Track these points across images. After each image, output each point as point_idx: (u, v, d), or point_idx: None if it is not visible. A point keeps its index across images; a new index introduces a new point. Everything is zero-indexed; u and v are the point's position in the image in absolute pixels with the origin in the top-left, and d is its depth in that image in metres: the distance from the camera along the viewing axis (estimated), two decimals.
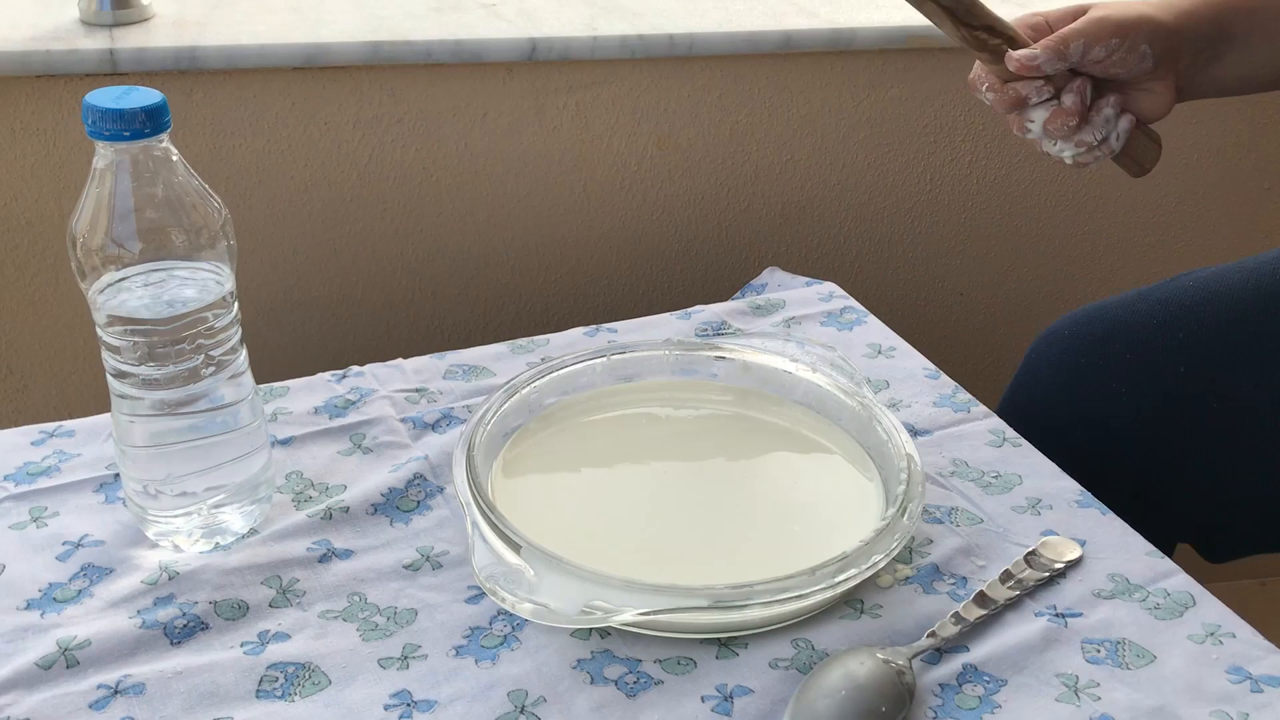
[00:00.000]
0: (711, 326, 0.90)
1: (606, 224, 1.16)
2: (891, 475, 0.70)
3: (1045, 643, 0.62)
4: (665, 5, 1.14)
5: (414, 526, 0.70)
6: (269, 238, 1.09)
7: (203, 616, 0.63)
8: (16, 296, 1.06)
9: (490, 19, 1.09)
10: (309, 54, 1.02)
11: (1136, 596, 0.65)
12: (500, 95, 1.08)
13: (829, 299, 0.94)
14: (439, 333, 1.17)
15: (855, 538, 0.64)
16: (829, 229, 1.22)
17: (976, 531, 0.70)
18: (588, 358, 0.78)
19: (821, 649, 0.62)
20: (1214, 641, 0.62)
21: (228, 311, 0.65)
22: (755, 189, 1.18)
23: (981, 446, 0.77)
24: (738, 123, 1.15)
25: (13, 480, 0.73)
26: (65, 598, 0.65)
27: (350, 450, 0.76)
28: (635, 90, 1.11)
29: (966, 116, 1.20)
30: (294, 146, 1.06)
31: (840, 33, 1.12)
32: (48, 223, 1.04)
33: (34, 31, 1.01)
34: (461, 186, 1.11)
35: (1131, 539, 0.70)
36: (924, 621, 0.64)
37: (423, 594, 0.65)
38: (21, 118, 1.00)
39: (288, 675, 0.60)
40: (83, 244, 0.61)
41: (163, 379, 0.64)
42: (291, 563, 0.67)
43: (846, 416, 0.76)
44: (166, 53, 0.99)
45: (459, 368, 0.85)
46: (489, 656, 0.61)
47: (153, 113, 0.60)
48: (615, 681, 0.60)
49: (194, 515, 0.67)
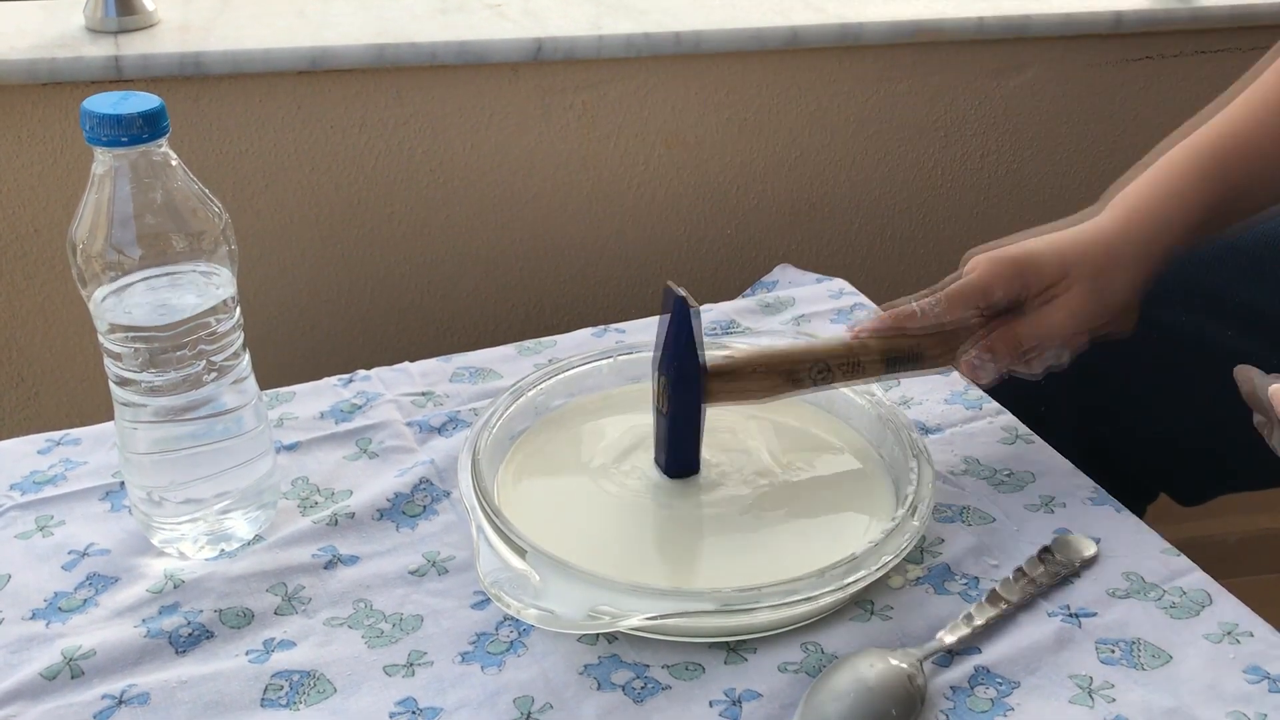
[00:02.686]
0: (720, 325, 0.90)
1: (615, 223, 1.15)
2: (902, 474, 0.69)
3: (1059, 643, 0.61)
4: (671, 3, 1.14)
5: (420, 532, 0.70)
6: (276, 242, 1.09)
7: (208, 625, 0.63)
8: (25, 304, 1.06)
9: (495, 19, 1.08)
10: (314, 57, 1.02)
11: (1152, 595, 0.64)
12: (506, 96, 1.08)
13: (839, 296, 0.94)
14: (447, 335, 1.16)
15: (865, 538, 0.64)
16: (840, 225, 1.21)
17: (988, 530, 0.69)
18: (594, 359, 0.78)
19: (831, 652, 0.61)
20: (1231, 640, 0.61)
21: (229, 316, 0.65)
22: (764, 186, 1.17)
23: (993, 444, 0.76)
24: (746, 120, 1.14)
25: (19, 489, 0.73)
26: (70, 607, 0.64)
27: (356, 455, 0.76)
28: (642, 89, 1.10)
29: (978, 110, 1.19)
30: (300, 150, 1.06)
31: (848, 27, 1.11)
32: (55, 230, 1.04)
33: (39, 39, 1.01)
34: (468, 188, 1.11)
35: (1146, 536, 0.69)
36: (935, 623, 0.63)
37: (429, 600, 0.65)
38: (28, 125, 1.00)
39: (292, 684, 0.60)
40: (83, 251, 0.61)
41: (165, 385, 0.63)
42: (297, 569, 0.67)
43: (856, 415, 0.75)
44: (171, 58, 0.99)
45: (465, 370, 0.84)
46: (495, 663, 0.61)
47: (151, 118, 0.60)
48: (622, 687, 0.59)
49: (199, 522, 0.67)
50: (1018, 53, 1.17)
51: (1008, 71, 1.18)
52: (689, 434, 0.69)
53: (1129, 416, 0.87)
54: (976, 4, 1.14)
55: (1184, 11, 1.17)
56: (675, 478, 0.70)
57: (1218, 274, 0.85)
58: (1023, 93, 1.19)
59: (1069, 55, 1.18)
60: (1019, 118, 1.21)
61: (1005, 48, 1.16)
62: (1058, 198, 1.24)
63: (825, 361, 0.70)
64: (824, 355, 0.70)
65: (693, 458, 0.70)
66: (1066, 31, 1.15)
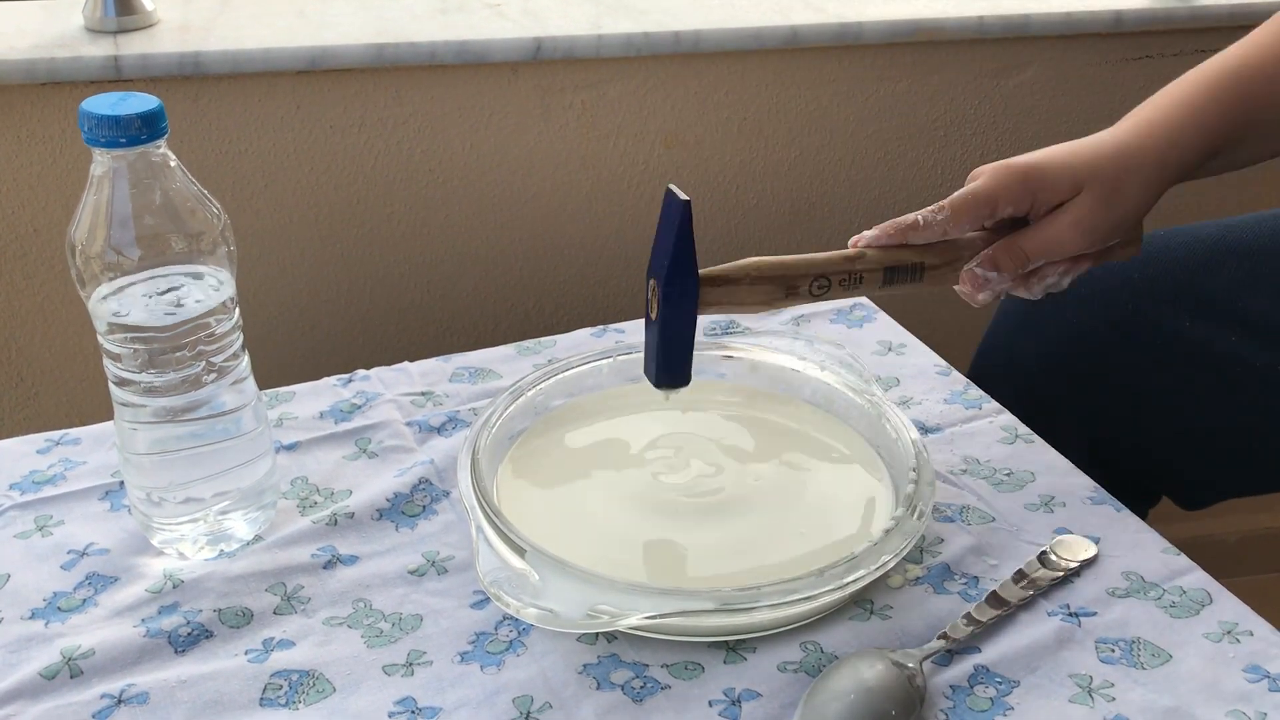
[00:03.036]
0: (720, 326, 0.89)
1: (614, 223, 1.15)
2: (901, 474, 0.69)
3: (1058, 643, 0.61)
4: (670, 2, 1.14)
5: (419, 531, 0.70)
6: (275, 241, 1.09)
7: (207, 624, 0.63)
8: (25, 304, 1.06)
9: (495, 19, 1.08)
10: (313, 57, 1.02)
11: (1152, 595, 0.64)
12: (505, 95, 1.08)
13: None
14: (447, 335, 1.16)
15: (864, 538, 0.64)
16: (839, 224, 1.21)
17: (988, 530, 0.69)
18: (594, 359, 0.78)
19: (830, 651, 0.61)
20: (1231, 640, 0.61)
21: (229, 317, 0.65)
22: (764, 185, 1.17)
23: (993, 444, 0.76)
24: (745, 119, 1.14)
25: (18, 489, 0.73)
26: (70, 607, 0.64)
27: (356, 455, 0.76)
28: (641, 88, 1.10)
29: (977, 109, 1.19)
30: (299, 150, 1.06)
31: (847, 26, 1.11)
32: (54, 230, 1.04)
33: (39, 39, 1.01)
34: (467, 188, 1.11)
35: (1146, 536, 0.69)
36: (935, 622, 0.63)
37: (428, 599, 0.65)
38: (28, 125, 1.00)
39: (291, 683, 0.60)
40: (82, 251, 0.61)
41: (164, 386, 0.63)
42: (296, 569, 0.67)
43: (855, 415, 0.75)
44: (171, 58, 0.99)
45: (465, 370, 0.84)
46: (494, 662, 0.61)
47: (149, 118, 0.59)
48: (622, 686, 0.59)
49: (199, 522, 0.67)
50: (1017, 52, 1.17)
51: (1008, 71, 1.18)
52: (680, 344, 0.65)
53: (1129, 418, 0.87)
54: (976, 3, 1.14)
55: (1184, 11, 1.17)
56: (664, 388, 0.66)
57: (1217, 279, 0.85)
58: (1022, 92, 1.19)
59: (1069, 55, 1.18)
60: (1019, 117, 1.21)
61: (1005, 47, 1.16)
62: None
63: (824, 273, 0.66)
64: (823, 266, 0.66)
65: (682, 370, 0.66)
66: (1066, 31, 1.15)
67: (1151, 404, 0.86)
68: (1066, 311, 0.87)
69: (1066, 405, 0.87)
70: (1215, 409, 0.84)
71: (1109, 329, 0.86)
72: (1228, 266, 0.85)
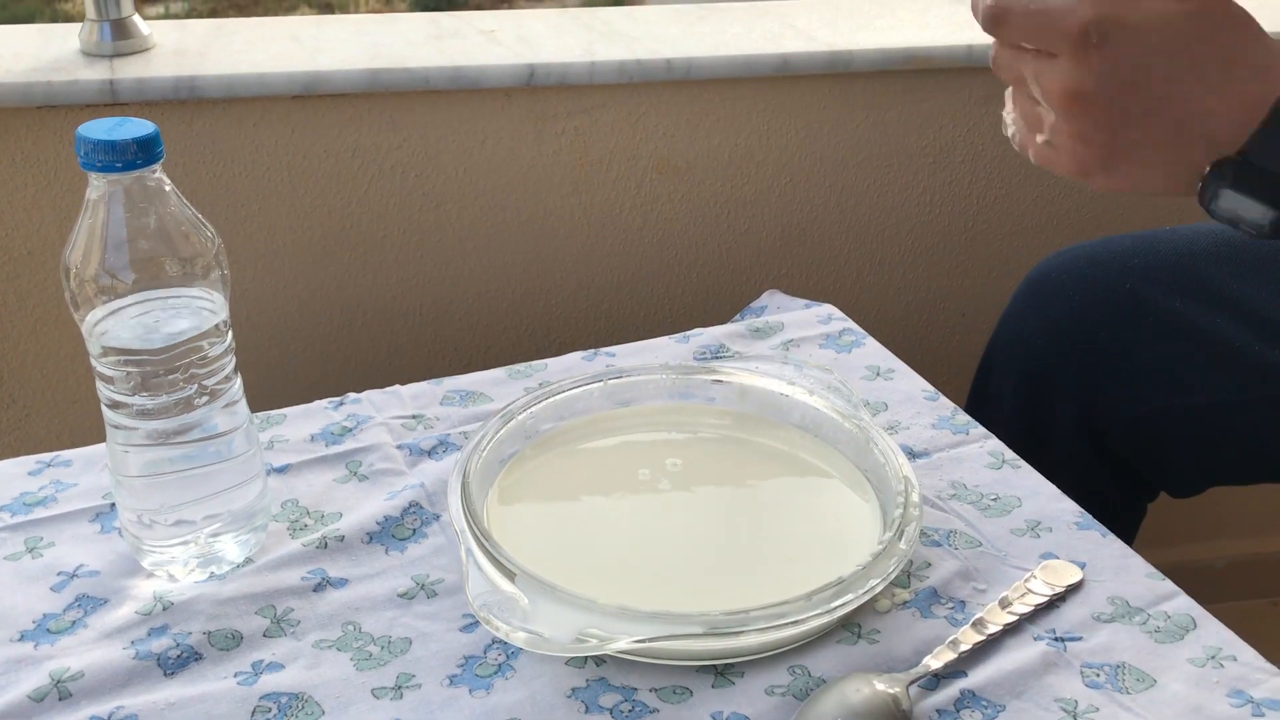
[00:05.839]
0: (710, 350, 0.90)
1: (606, 248, 1.16)
2: (889, 498, 0.69)
3: (1044, 667, 0.62)
4: (662, 29, 1.15)
5: (409, 555, 0.70)
6: (269, 265, 1.09)
7: (196, 647, 0.63)
8: (18, 326, 1.07)
9: (488, 45, 1.09)
10: (308, 82, 1.03)
11: (1137, 620, 0.65)
12: (499, 121, 1.08)
13: (828, 321, 0.94)
14: (439, 358, 1.17)
15: (852, 562, 0.64)
16: (829, 251, 1.22)
17: (975, 555, 0.70)
18: (585, 383, 0.78)
19: (818, 675, 0.61)
20: (1215, 665, 0.62)
21: (221, 341, 0.65)
22: (754, 211, 1.18)
23: (980, 469, 0.77)
24: (736, 146, 1.15)
25: (9, 511, 0.73)
26: (59, 629, 0.64)
27: (346, 478, 0.76)
28: (633, 114, 1.11)
29: (966, 137, 1.20)
30: (294, 174, 1.07)
31: (838, 55, 1.12)
32: (49, 253, 1.04)
33: (35, 62, 1.01)
34: (460, 212, 1.12)
35: (1132, 561, 0.69)
36: (921, 646, 0.63)
37: (417, 623, 0.65)
38: (23, 148, 1.01)
39: (280, 706, 0.60)
40: (76, 275, 0.62)
41: (156, 409, 0.64)
42: (286, 592, 0.67)
43: (844, 439, 0.76)
44: (166, 82, 1.00)
45: (456, 393, 0.85)
46: (483, 686, 0.61)
47: (145, 143, 0.60)
48: (610, 710, 0.60)
49: (190, 545, 0.67)
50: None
51: (997, 98, 1.18)
52: None
53: (1126, 401, 0.90)
54: (966, 32, 1.16)
55: None
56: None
57: (1221, 269, 0.88)
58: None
59: None
60: (1007, 144, 1.21)
61: (994, 75, 1.17)
62: (1046, 225, 1.25)
63: None
64: None
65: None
66: None
67: (1146, 385, 0.89)
68: (1073, 294, 0.92)
69: (1066, 377, 0.91)
70: (1206, 386, 0.88)
71: (1108, 306, 0.91)
72: (1229, 259, 0.88)
